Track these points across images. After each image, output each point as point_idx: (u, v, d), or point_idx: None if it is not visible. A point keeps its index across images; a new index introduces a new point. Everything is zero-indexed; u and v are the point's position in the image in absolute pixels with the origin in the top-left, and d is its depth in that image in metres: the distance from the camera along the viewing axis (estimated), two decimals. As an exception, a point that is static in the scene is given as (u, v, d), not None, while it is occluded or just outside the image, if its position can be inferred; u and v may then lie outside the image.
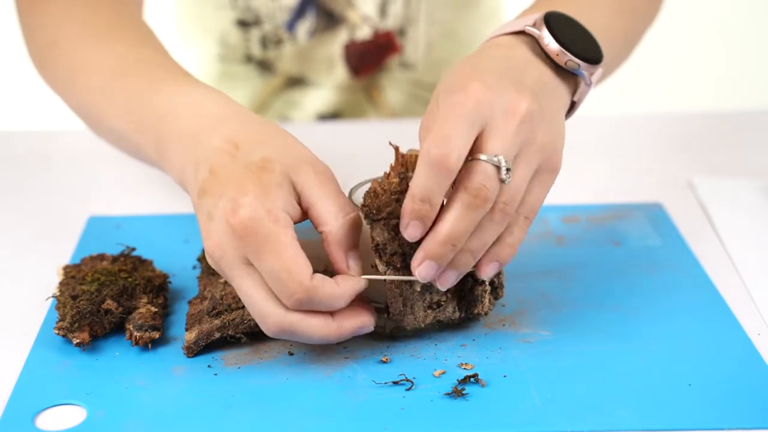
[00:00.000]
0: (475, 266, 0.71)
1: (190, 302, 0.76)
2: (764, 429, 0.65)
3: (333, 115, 1.21)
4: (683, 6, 0.95)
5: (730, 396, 0.68)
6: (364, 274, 0.71)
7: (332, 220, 0.70)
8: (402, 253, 0.70)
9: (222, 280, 0.76)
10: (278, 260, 0.67)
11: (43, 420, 0.67)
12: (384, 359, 0.72)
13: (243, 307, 0.73)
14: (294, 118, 1.21)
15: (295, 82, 1.20)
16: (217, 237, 0.69)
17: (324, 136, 1.10)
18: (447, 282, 0.70)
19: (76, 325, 0.72)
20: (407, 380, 0.69)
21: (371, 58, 1.19)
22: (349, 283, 0.70)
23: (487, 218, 0.69)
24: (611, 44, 0.80)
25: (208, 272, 0.78)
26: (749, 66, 2.48)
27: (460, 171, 0.67)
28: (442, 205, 0.68)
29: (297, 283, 0.67)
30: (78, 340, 0.72)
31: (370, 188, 0.70)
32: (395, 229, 0.70)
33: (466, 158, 0.68)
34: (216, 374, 0.71)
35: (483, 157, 0.67)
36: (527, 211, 0.71)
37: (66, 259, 0.85)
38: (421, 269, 0.69)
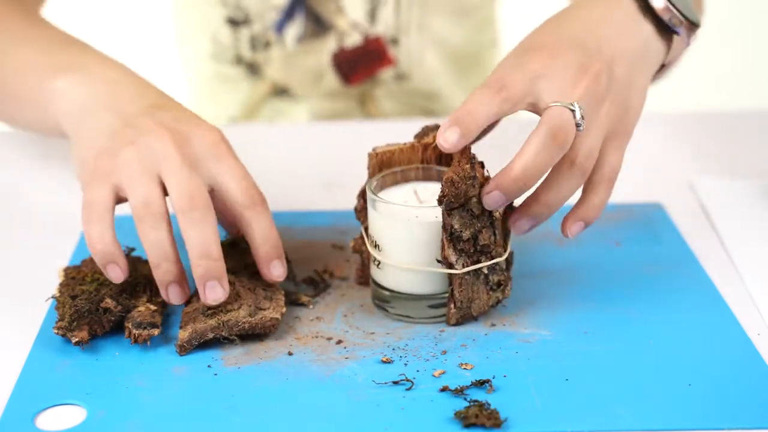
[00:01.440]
0: (561, 227, 0.75)
1: (187, 301, 0.76)
2: (764, 429, 0.65)
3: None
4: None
5: (730, 396, 0.68)
6: (416, 266, 0.74)
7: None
8: (474, 237, 0.73)
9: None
10: (241, 166, 0.75)
11: (43, 420, 0.67)
12: (384, 359, 0.72)
13: (238, 308, 0.73)
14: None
15: (282, 91, 1.20)
16: (197, 130, 0.75)
17: (320, 136, 1.10)
18: (521, 228, 0.74)
19: (75, 324, 0.72)
20: (407, 380, 0.69)
21: (362, 64, 1.18)
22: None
23: (565, 171, 0.71)
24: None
25: None
26: (750, 66, 2.48)
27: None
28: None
29: (256, 186, 0.75)
30: (77, 339, 0.72)
31: (446, 178, 0.72)
32: (472, 213, 0.72)
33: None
34: (216, 374, 0.71)
35: (558, 102, 0.70)
36: (610, 172, 0.73)
37: (66, 259, 0.85)
38: (489, 197, 0.71)
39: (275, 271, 0.75)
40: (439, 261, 0.74)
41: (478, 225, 0.73)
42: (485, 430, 0.65)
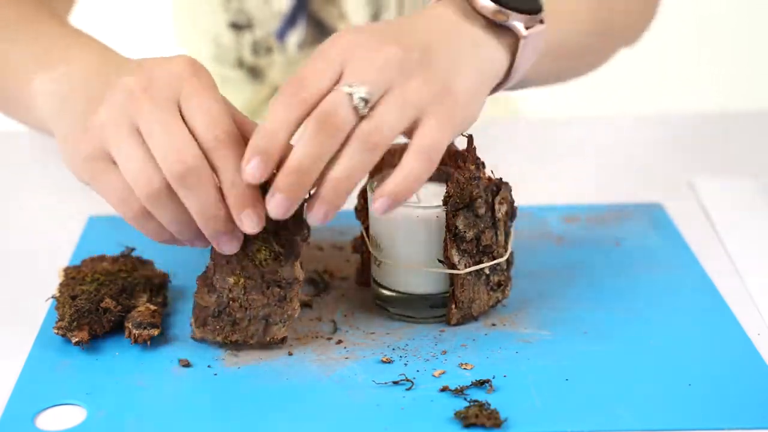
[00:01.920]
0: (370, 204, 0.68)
1: (198, 281, 0.73)
2: (764, 429, 0.65)
3: None
4: (683, 6, 0.95)
5: (730, 396, 0.68)
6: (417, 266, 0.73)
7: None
8: (477, 238, 0.73)
9: (232, 278, 0.72)
10: (216, 98, 0.69)
11: (43, 420, 0.67)
12: (384, 359, 0.72)
13: (247, 324, 0.72)
14: None
15: None
16: (161, 78, 0.69)
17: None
18: (316, 216, 0.66)
19: (75, 324, 0.72)
20: (407, 380, 0.69)
21: None
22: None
23: (348, 147, 0.65)
24: (576, 25, 0.79)
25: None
26: (749, 66, 2.48)
27: None
28: None
29: (229, 116, 0.68)
30: (77, 339, 0.72)
31: (452, 179, 0.72)
32: (475, 213, 0.72)
33: None
34: (216, 374, 0.71)
35: (337, 86, 0.66)
36: (418, 145, 0.66)
37: (66, 259, 0.85)
38: (271, 203, 0.65)
39: (246, 221, 0.67)
40: (440, 261, 0.74)
41: (481, 225, 0.73)
42: (485, 430, 0.65)
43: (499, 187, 0.74)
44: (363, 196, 0.78)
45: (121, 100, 0.69)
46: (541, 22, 0.73)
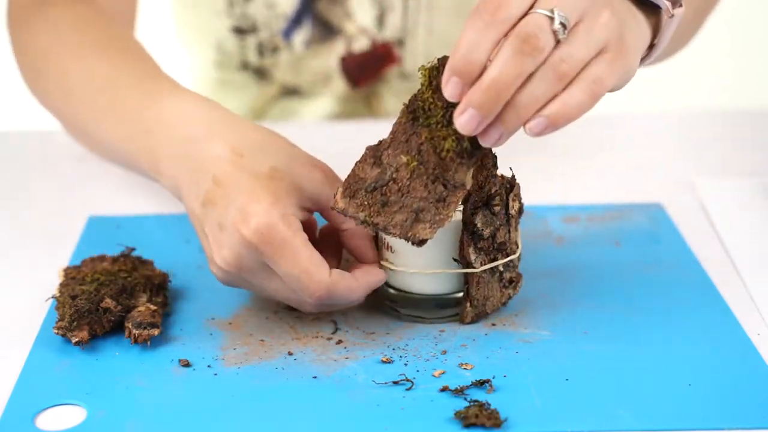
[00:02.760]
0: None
1: (367, 150, 0.71)
2: (764, 429, 0.65)
3: None
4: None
5: (730, 396, 0.68)
6: (430, 266, 0.74)
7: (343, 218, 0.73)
8: (492, 235, 0.73)
9: (405, 157, 0.69)
10: (296, 264, 0.70)
11: (43, 420, 0.67)
12: (384, 359, 0.72)
13: (397, 209, 0.69)
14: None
15: (291, 92, 1.20)
16: (231, 248, 0.71)
17: (327, 136, 1.10)
18: (490, 138, 0.66)
19: (75, 324, 0.72)
20: (407, 380, 0.69)
21: (370, 68, 1.18)
22: (366, 275, 0.73)
23: (539, 72, 0.65)
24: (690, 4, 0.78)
25: (409, 120, 0.71)
26: (750, 66, 2.48)
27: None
28: None
29: (317, 283, 0.70)
30: (77, 339, 0.72)
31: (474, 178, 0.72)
32: (492, 211, 0.72)
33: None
34: (216, 374, 0.71)
35: (536, 9, 0.65)
36: (592, 76, 0.66)
37: (66, 259, 0.85)
38: (462, 118, 0.65)
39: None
40: (455, 260, 0.74)
41: (497, 223, 0.73)
42: (485, 430, 0.65)
43: (512, 184, 0.74)
44: None
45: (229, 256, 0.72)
46: (680, 4, 0.73)
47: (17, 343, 0.74)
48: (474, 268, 0.73)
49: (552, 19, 0.64)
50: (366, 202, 0.70)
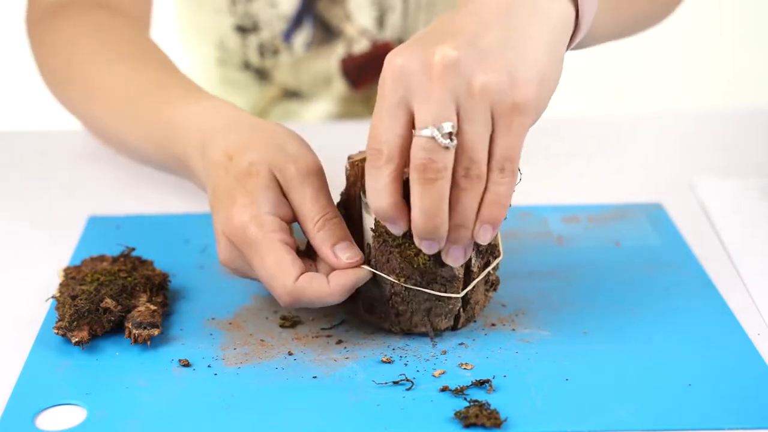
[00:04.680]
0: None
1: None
2: (764, 429, 0.65)
3: None
4: (683, 6, 0.95)
5: (730, 396, 0.68)
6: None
7: (309, 224, 0.72)
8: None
9: (392, 276, 0.71)
10: (263, 266, 0.70)
11: (43, 420, 0.67)
12: (384, 359, 0.72)
13: (411, 315, 0.73)
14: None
15: (292, 94, 1.20)
16: (223, 251, 0.73)
17: (327, 136, 1.10)
18: (456, 258, 0.68)
19: (75, 324, 0.72)
20: (407, 380, 0.69)
21: (370, 70, 1.18)
22: (341, 279, 0.71)
23: (456, 189, 0.65)
24: None
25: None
26: (749, 66, 2.48)
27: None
28: None
29: (281, 287, 0.70)
30: (77, 339, 0.72)
31: None
32: None
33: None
34: (216, 374, 0.71)
35: (416, 132, 0.64)
36: (500, 162, 0.65)
37: (66, 259, 0.85)
38: (423, 246, 0.67)
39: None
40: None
41: None
42: (485, 430, 0.65)
43: None
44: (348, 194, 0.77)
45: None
46: None
47: (17, 343, 0.74)
48: (472, 272, 0.73)
49: (434, 138, 0.63)
50: (383, 315, 0.74)
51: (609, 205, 0.93)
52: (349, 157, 0.74)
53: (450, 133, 0.63)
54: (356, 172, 0.73)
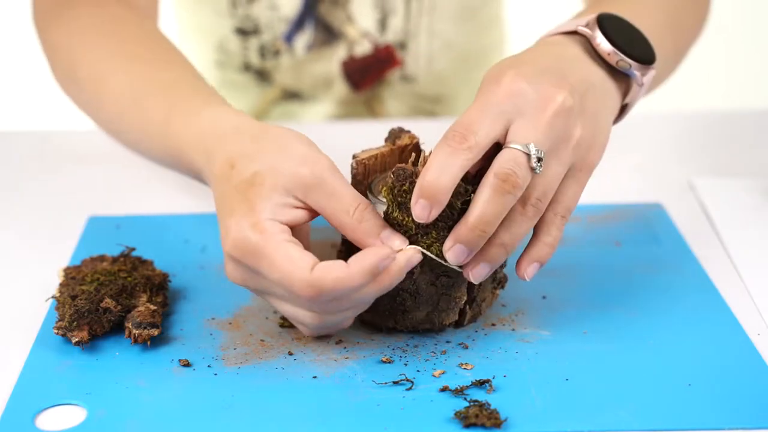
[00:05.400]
0: (516, 269, 0.72)
1: None
2: (764, 429, 0.65)
3: None
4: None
5: (730, 396, 0.68)
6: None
7: (344, 217, 0.69)
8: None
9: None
10: (274, 268, 0.67)
11: (43, 420, 0.67)
12: (384, 359, 0.72)
13: (417, 311, 0.73)
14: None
15: (292, 95, 1.20)
16: (230, 271, 0.70)
17: (327, 137, 1.10)
18: (480, 275, 0.70)
19: (75, 324, 0.72)
20: (407, 380, 0.69)
21: (372, 71, 1.18)
22: (361, 260, 0.66)
23: (518, 211, 0.68)
24: (661, 53, 0.79)
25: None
26: (750, 66, 2.48)
27: (494, 159, 0.68)
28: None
29: (299, 282, 0.66)
30: (77, 339, 0.72)
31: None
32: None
33: (499, 147, 0.68)
34: (216, 374, 0.71)
35: (513, 144, 0.67)
36: (563, 210, 0.71)
37: (66, 259, 0.85)
38: (451, 253, 0.68)
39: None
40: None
41: None
42: (485, 430, 0.65)
43: None
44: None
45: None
46: (652, 67, 0.75)
47: (17, 343, 0.74)
48: None
49: (529, 156, 0.67)
50: (386, 313, 0.73)
51: (609, 205, 0.93)
52: (354, 156, 0.74)
53: (540, 159, 0.67)
54: (363, 170, 0.73)
